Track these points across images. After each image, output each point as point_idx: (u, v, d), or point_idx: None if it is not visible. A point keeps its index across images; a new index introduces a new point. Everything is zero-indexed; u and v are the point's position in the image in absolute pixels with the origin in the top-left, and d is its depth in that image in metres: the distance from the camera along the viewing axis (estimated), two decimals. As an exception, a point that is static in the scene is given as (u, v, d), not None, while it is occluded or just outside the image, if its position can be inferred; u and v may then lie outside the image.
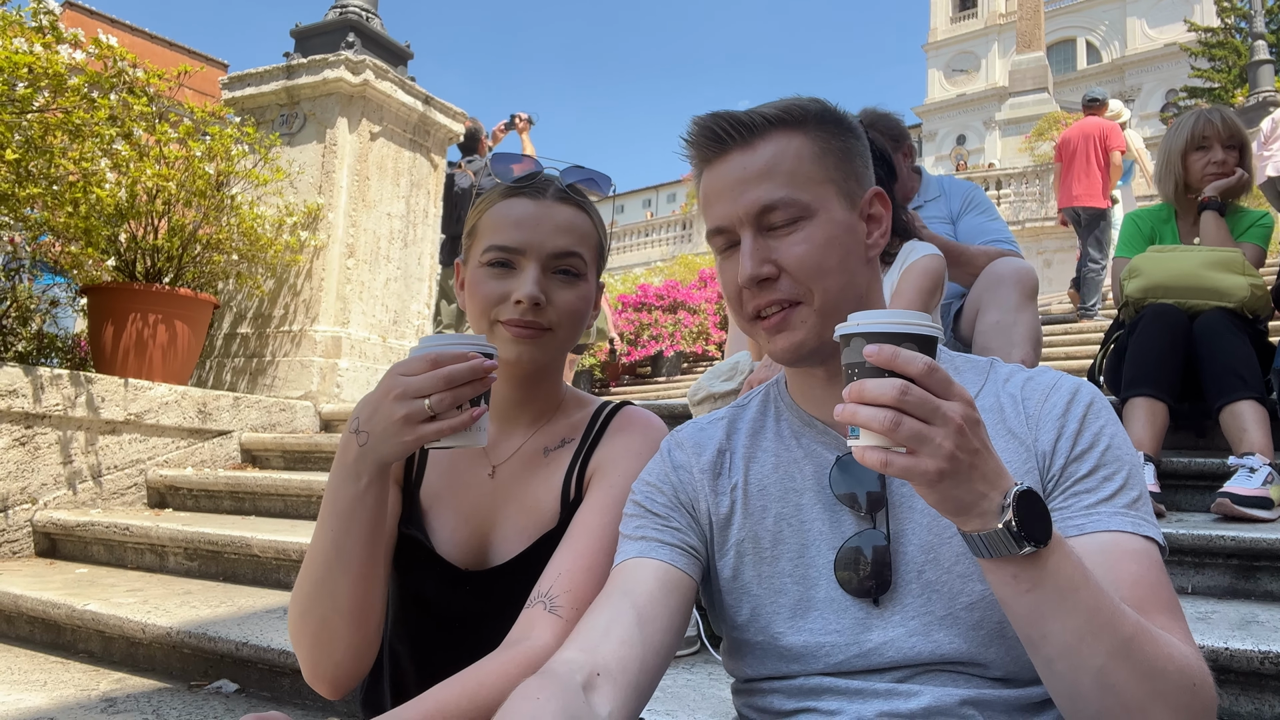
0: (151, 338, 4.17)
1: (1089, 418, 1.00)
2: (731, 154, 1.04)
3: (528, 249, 1.20)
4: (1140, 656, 0.83)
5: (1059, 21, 50.83)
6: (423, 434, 1.01)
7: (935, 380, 0.80)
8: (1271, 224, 3.23)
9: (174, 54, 20.08)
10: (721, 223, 1.04)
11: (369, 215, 5.20)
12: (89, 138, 3.93)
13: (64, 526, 3.54)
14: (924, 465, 0.79)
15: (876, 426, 0.79)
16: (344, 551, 1.08)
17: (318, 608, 1.10)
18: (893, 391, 0.79)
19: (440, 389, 1.00)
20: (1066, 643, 0.83)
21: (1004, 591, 0.85)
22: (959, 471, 0.80)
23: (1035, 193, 19.65)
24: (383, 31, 5.51)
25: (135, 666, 2.56)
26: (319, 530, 1.10)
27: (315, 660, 1.13)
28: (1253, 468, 2.42)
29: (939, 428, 0.79)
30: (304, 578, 1.12)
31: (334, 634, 1.11)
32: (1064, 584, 0.83)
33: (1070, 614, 0.82)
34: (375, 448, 1.04)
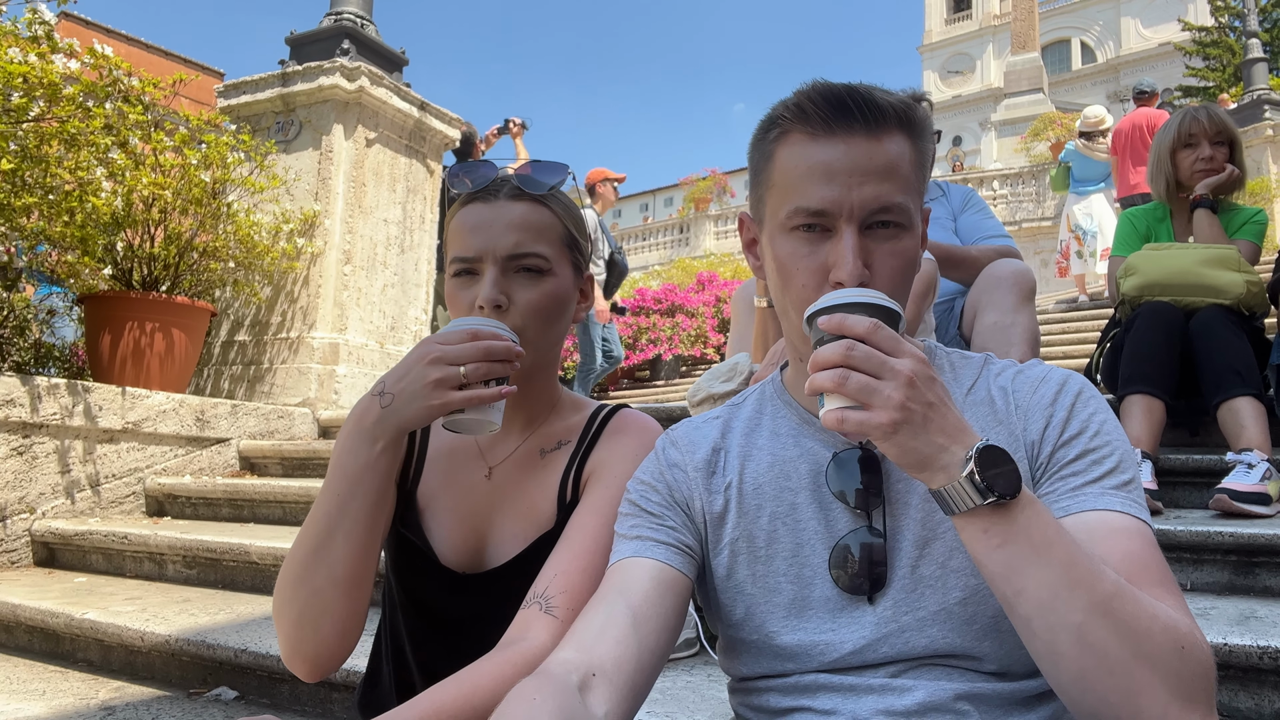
0: (149, 346, 4.16)
1: (1077, 406, 1.00)
2: (856, 136, 0.96)
3: (484, 254, 1.19)
4: (1121, 615, 0.81)
5: (1053, 22, 50.96)
6: (451, 400, 1.04)
7: (881, 338, 0.84)
8: (1266, 220, 3.23)
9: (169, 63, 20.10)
10: (824, 205, 0.96)
11: (366, 221, 5.20)
12: (85, 147, 3.93)
13: (62, 536, 3.54)
14: (876, 418, 0.82)
15: (829, 384, 0.83)
16: (348, 517, 1.08)
17: (312, 577, 1.09)
18: (840, 349, 0.83)
19: (478, 359, 1.04)
20: (1042, 599, 0.82)
21: (976, 548, 0.85)
22: (912, 422, 0.82)
23: (1031, 193, 19.69)
24: (378, 38, 5.52)
25: (134, 675, 2.56)
26: (322, 496, 1.10)
27: (300, 637, 1.11)
28: (1250, 464, 2.43)
29: (888, 381, 0.82)
30: (299, 546, 1.11)
31: (324, 606, 1.09)
32: (1037, 538, 0.83)
33: (1044, 568, 0.82)
34: (399, 410, 1.06)
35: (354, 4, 5.51)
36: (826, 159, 0.96)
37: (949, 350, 1.12)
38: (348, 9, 5.46)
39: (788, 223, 0.99)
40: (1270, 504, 2.37)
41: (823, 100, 0.97)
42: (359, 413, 1.10)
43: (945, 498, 0.84)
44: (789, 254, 1.00)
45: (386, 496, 1.11)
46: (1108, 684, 0.80)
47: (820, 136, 0.97)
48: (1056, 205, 19.22)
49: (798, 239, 0.99)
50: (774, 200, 1.02)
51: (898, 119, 0.98)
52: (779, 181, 1.01)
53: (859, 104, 0.97)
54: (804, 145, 0.98)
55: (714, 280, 10.41)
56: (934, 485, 0.85)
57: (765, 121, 1.04)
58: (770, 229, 1.03)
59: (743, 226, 1.13)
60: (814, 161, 0.97)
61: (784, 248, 1.00)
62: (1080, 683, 0.82)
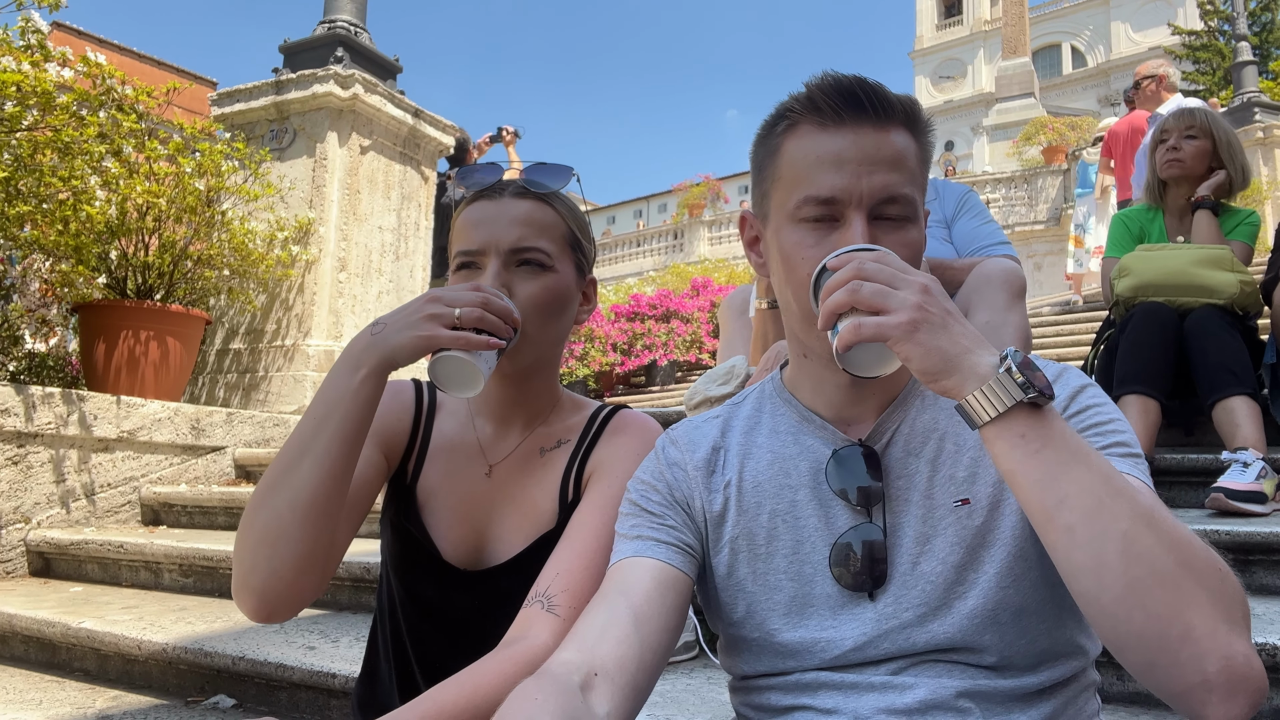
0: (143, 355, 4.15)
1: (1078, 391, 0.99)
2: (865, 127, 0.97)
3: (487, 247, 1.21)
4: (1165, 526, 0.78)
5: (1044, 27, 51.23)
6: (439, 335, 1.05)
7: (891, 259, 0.85)
8: (1258, 222, 3.25)
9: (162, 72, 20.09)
10: (835, 193, 0.96)
11: (360, 229, 5.20)
12: (78, 155, 3.93)
13: (58, 545, 3.52)
14: (894, 319, 0.81)
15: (842, 297, 0.83)
16: (319, 441, 1.06)
17: (274, 500, 1.06)
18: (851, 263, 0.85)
19: (474, 304, 1.07)
20: (1086, 505, 0.78)
21: (1014, 456, 0.81)
22: (932, 323, 0.81)
23: (1023, 196, 19.76)
24: (372, 46, 5.53)
25: (131, 684, 2.55)
26: (300, 423, 1.09)
27: (251, 565, 1.06)
28: (1246, 462, 2.44)
29: (901, 289, 0.82)
30: (268, 471, 1.08)
31: (281, 532, 1.05)
32: (1074, 445, 0.81)
33: (1086, 473, 0.79)
34: (387, 338, 1.07)
35: (348, 12, 5.52)
36: (836, 148, 0.97)
37: None
38: (341, 17, 5.47)
39: (796, 213, 0.99)
40: (1266, 502, 2.38)
41: (834, 91, 0.98)
42: (351, 342, 1.11)
43: (978, 403, 0.81)
44: (796, 243, 0.99)
45: (361, 429, 1.08)
46: (1158, 597, 0.76)
47: (830, 127, 0.98)
48: (1049, 209, 19.31)
49: (805, 229, 0.99)
50: (781, 192, 1.02)
51: (904, 114, 1.00)
52: (786, 173, 1.01)
53: (869, 95, 0.98)
54: (813, 136, 0.99)
55: (709, 286, 10.42)
56: (964, 392, 0.82)
57: (771, 117, 1.05)
58: (777, 221, 1.03)
59: (744, 225, 1.14)
60: (824, 151, 0.98)
61: (791, 238, 1.00)
62: (1129, 597, 0.76)
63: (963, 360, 0.81)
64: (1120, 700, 1.81)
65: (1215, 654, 0.75)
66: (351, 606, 2.84)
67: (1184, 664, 0.75)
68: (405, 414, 1.32)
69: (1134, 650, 0.78)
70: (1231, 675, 0.74)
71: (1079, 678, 1.00)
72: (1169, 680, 0.77)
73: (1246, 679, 0.75)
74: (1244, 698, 0.75)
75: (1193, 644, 0.75)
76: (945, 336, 0.81)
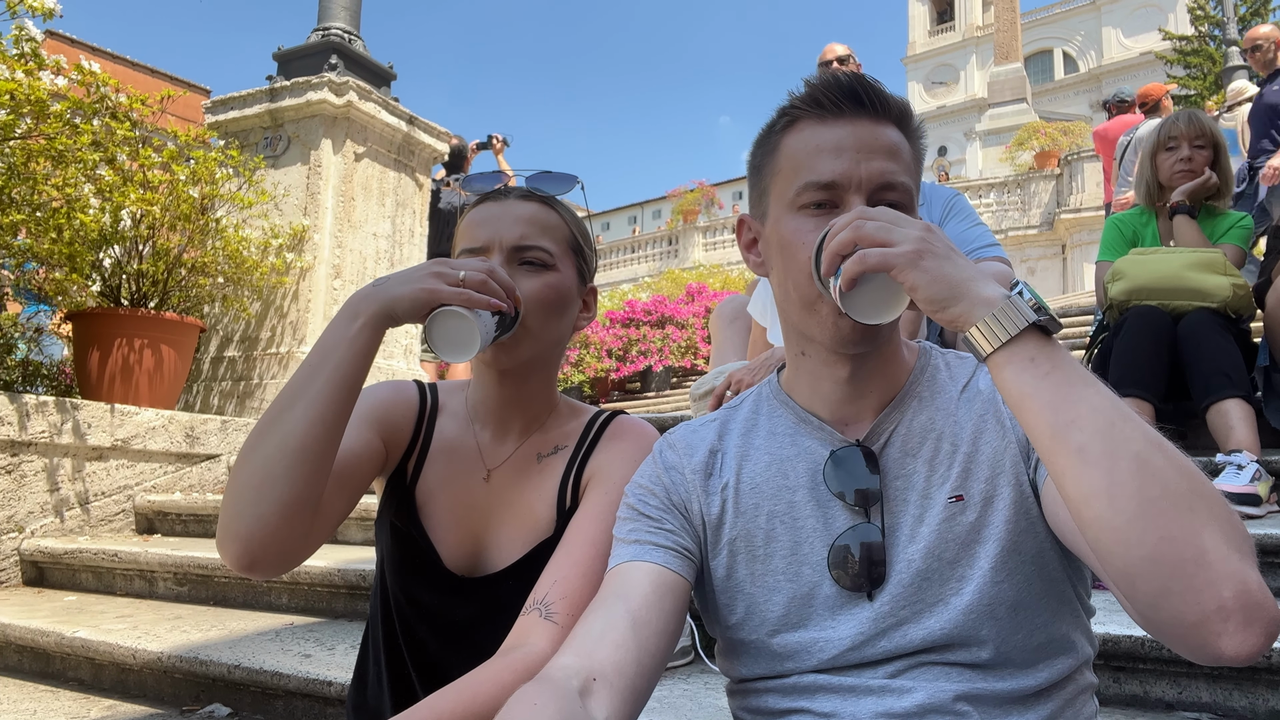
0: (138, 363, 4.14)
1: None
2: (863, 119, 1.01)
3: (490, 244, 1.22)
4: (1173, 452, 0.77)
5: (1036, 33, 51.47)
6: (440, 291, 1.06)
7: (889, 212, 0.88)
8: (1251, 225, 3.26)
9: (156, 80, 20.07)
10: (834, 178, 0.99)
11: (355, 236, 5.20)
12: (72, 163, 3.92)
13: (52, 554, 3.51)
14: (899, 249, 0.83)
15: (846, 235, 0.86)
16: (312, 386, 1.06)
17: (264, 443, 1.05)
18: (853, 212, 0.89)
19: (479, 270, 1.09)
20: (1098, 424, 0.77)
21: (1024, 380, 0.81)
22: (936, 252, 0.83)
23: (1016, 201, 19.82)
24: (365, 53, 5.53)
25: (126, 693, 2.54)
26: (295, 371, 1.09)
27: (238, 510, 1.04)
28: (1240, 465, 2.45)
29: (903, 227, 0.85)
30: (261, 418, 1.08)
31: (269, 477, 1.03)
32: (1081, 370, 0.81)
33: (1097, 395, 0.79)
34: (390, 288, 1.08)
35: (342, 19, 5.53)
36: (836, 138, 1.00)
37: (944, 350, 1.13)
38: (335, 25, 5.47)
39: (796, 200, 1.01)
40: (1260, 504, 2.38)
41: (833, 87, 1.01)
42: (354, 295, 1.12)
43: (987, 328, 0.82)
44: (796, 229, 1.01)
45: (355, 379, 1.08)
46: (1172, 517, 0.73)
47: (830, 119, 1.01)
48: (1042, 214, 19.37)
49: (805, 216, 1.01)
50: (781, 184, 1.04)
51: (899, 113, 1.03)
52: (786, 166, 1.03)
53: (866, 91, 1.01)
54: (814, 129, 1.02)
55: (703, 291, 10.43)
56: (973, 318, 0.82)
57: (771, 119, 1.07)
58: (776, 213, 1.05)
59: (742, 228, 1.15)
60: (823, 140, 1.01)
61: (791, 225, 1.02)
62: (1143, 517, 0.74)
63: (969, 287, 0.83)
64: (1117, 703, 1.81)
65: (1231, 579, 0.72)
66: (347, 614, 2.83)
67: (1200, 589, 0.72)
68: (409, 411, 1.32)
69: (1146, 577, 0.74)
70: (1248, 602, 0.72)
71: (1076, 679, 1.00)
72: (1183, 608, 0.73)
73: (1262, 607, 0.72)
74: (1260, 627, 0.72)
75: (1208, 568, 0.72)
76: (950, 265, 0.83)
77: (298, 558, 1.10)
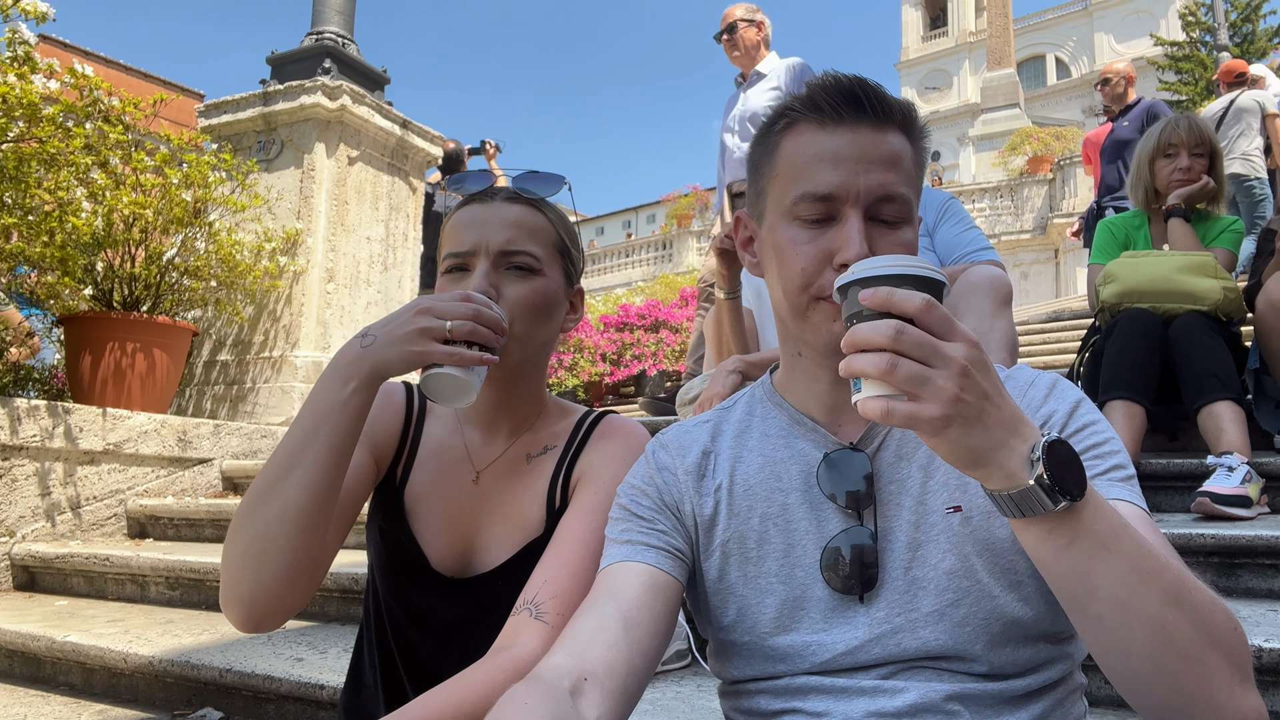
0: (130, 367, 4.13)
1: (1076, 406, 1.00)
2: (863, 126, 0.98)
3: (477, 249, 1.21)
4: (1192, 602, 0.78)
5: (1028, 38, 51.68)
6: (432, 351, 1.03)
7: (935, 318, 0.75)
8: (1243, 229, 3.28)
9: (149, 84, 20.04)
10: (832, 190, 0.97)
11: (348, 239, 5.19)
12: (64, 167, 3.91)
13: (43, 559, 3.49)
14: (927, 411, 0.74)
15: (873, 371, 0.75)
16: (309, 453, 1.05)
17: (262, 512, 1.04)
18: (888, 332, 0.74)
19: (466, 317, 1.05)
20: (1116, 596, 0.77)
21: (1040, 551, 0.79)
22: (966, 417, 0.75)
23: (1009, 205, 19.88)
24: (359, 57, 5.53)
25: (117, 698, 2.52)
26: (288, 434, 1.07)
27: (238, 577, 1.05)
28: (1231, 466, 2.45)
29: (940, 369, 0.74)
30: (255, 484, 1.07)
31: (270, 544, 1.04)
32: (1104, 532, 0.78)
33: (1116, 563, 0.78)
34: (378, 351, 1.05)
35: (335, 24, 5.53)
36: (835, 146, 0.98)
37: None
38: (329, 29, 5.47)
39: (793, 209, 1.00)
40: (1250, 506, 2.39)
41: (834, 90, 0.99)
42: (338, 354, 1.09)
43: (1008, 503, 0.78)
44: (790, 239, 1.00)
45: (350, 441, 1.07)
46: (1183, 671, 0.78)
47: (829, 125, 0.99)
48: (1034, 218, 19.43)
49: (801, 226, 0.99)
50: (777, 189, 1.03)
51: (902, 117, 1.01)
52: (783, 171, 1.02)
53: (868, 96, 0.98)
54: (813, 134, 1.00)
55: (697, 296, 10.43)
56: (992, 486, 0.78)
57: (771, 117, 1.06)
58: (772, 218, 1.04)
59: (739, 225, 1.14)
60: (822, 148, 0.98)
61: (786, 234, 1.01)
62: (1157, 675, 0.79)
63: (992, 456, 0.76)
64: (1108, 704, 1.81)
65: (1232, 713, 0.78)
66: (340, 618, 2.82)
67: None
68: (396, 417, 1.32)
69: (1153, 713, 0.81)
70: None
71: (1066, 681, 1.00)
72: None
73: None
74: None
75: (1214, 710, 0.78)
76: (977, 432, 0.75)
77: (300, 606, 1.10)
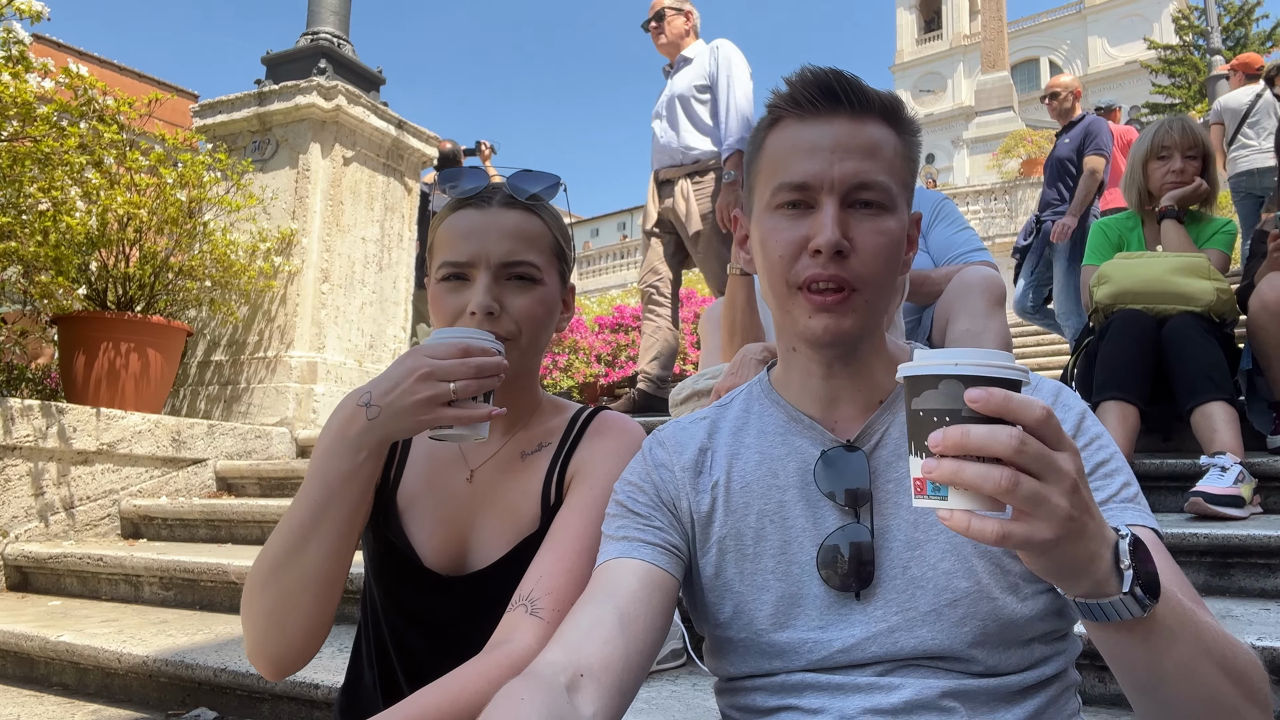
0: (124, 367, 4.12)
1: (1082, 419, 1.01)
2: (840, 117, 1.00)
3: (477, 260, 1.20)
4: (1235, 665, 0.82)
5: (1022, 42, 51.82)
6: (441, 417, 1.03)
7: (1050, 430, 0.71)
8: (1235, 230, 3.29)
9: (143, 85, 19.97)
10: (807, 179, 0.98)
11: (343, 240, 5.19)
12: (59, 166, 3.90)
13: (36, 559, 3.48)
14: (1041, 533, 0.69)
15: (989, 488, 0.68)
16: (325, 523, 1.07)
17: (282, 578, 1.08)
18: (1011, 443, 0.68)
19: (468, 376, 1.03)
20: (1180, 678, 0.80)
21: (1118, 644, 0.80)
22: (1074, 534, 0.71)
23: (1003, 208, 19.93)
24: (355, 57, 5.53)
25: (111, 698, 2.52)
26: (299, 500, 1.08)
27: (264, 637, 1.10)
28: (1224, 467, 2.46)
29: (1054, 485, 0.69)
30: (272, 546, 1.09)
31: (292, 607, 1.08)
32: (1173, 622, 0.79)
33: (1184, 648, 0.79)
34: (386, 424, 1.05)
35: (331, 24, 5.52)
36: (812, 138, 1.00)
37: None
38: (324, 29, 5.46)
39: (773, 200, 1.02)
40: (1243, 506, 2.40)
41: (811, 84, 1.01)
42: (343, 421, 1.08)
43: (1097, 610, 0.77)
44: (770, 229, 1.02)
45: (364, 503, 1.10)
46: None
47: (809, 118, 1.01)
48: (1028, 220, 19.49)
49: (780, 215, 1.01)
50: (761, 184, 1.05)
51: (882, 107, 1.02)
52: (766, 166, 1.04)
53: (844, 87, 1.00)
54: (793, 128, 1.02)
55: (692, 297, 10.41)
56: (1078, 593, 0.77)
57: (761, 117, 1.08)
58: (758, 211, 1.06)
59: (736, 224, 1.16)
60: (800, 140, 1.00)
61: (767, 224, 1.03)
62: None
63: (1087, 568, 0.74)
64: (1102, 702, 1.82)
65: None
66: (336, 618, 2.81)
67: None
68: None
69: None
70: None
71: (1061, 677, 1.00)
72: None
73: None
74: None
75: None
76: (1079, 548, 0.73)
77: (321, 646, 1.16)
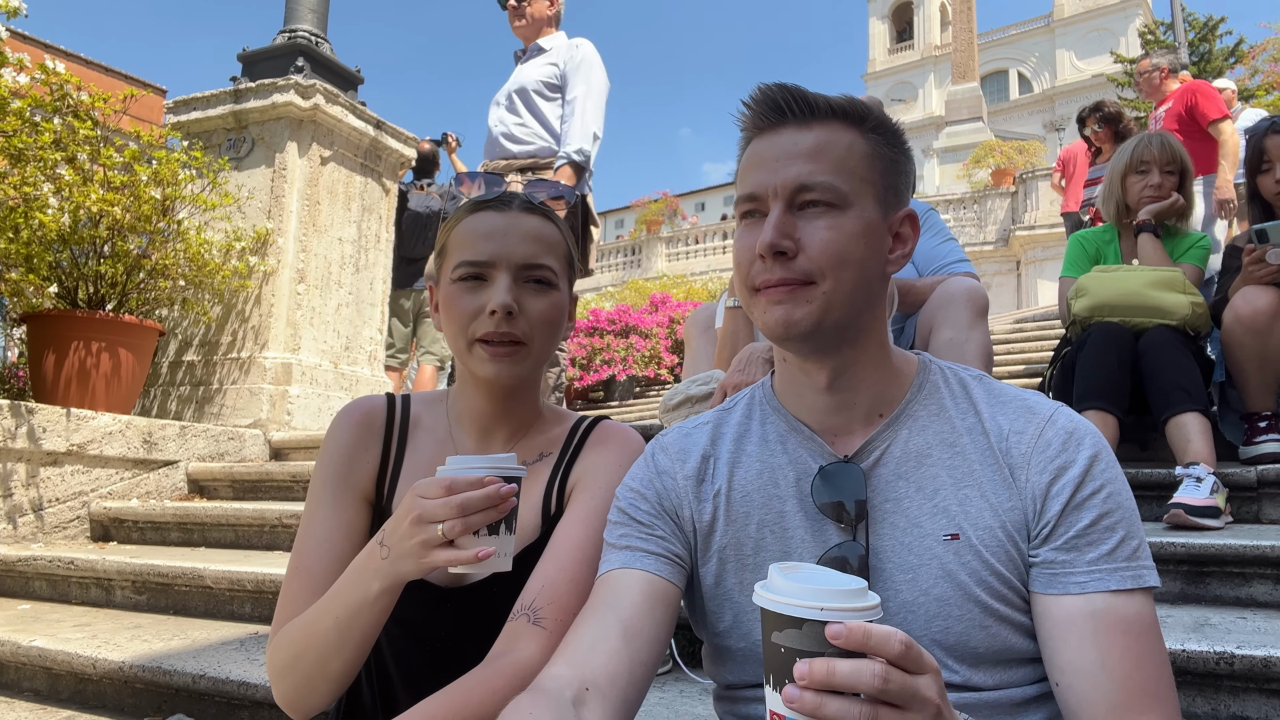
0: (94, 366, 4.05)
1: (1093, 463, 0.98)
2: (785, 128, 1.03)
3: (498, 260, 1.20)
4: None
5: (992, 53, 52.49)
6: (437, 559, 1.01)
7: (911, 659, 0.71)
8: (1209, 245, 3.35)
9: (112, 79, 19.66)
10: (755, 189, 1.02)
11: (320, 240, 5.14)
12: (31, 162, 3.83)
13: (4, 562, 3.41)
14: None
15: None
16: (344, 638, 1.09)
17: (305, 666, 1.11)
18: (874, 682, 0.68)
19: (453, 516, 0.99)
20: None
21: None
22: None
23: (973, 217, 20.16)
24: (333, 56, 5.48)
25: (85, 704, 2.47)
26: (324, 609, 1.10)
27: (292, 698, 1.14)
28: (1199, 478, 2.51)
29: (917, 713, 0.70)
30: (297, 639, 1.12)
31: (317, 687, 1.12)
32: None
33: None
34: (394, 563, 1.04)
35: (309, 22, 5.47)
36: (760, 150, 1.04)
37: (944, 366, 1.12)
38: (302, 27, 5.41)
39: (736, 213, 1.07)
40: (1219, 516, 2.45)
41: (760, 101, 1.05)
42: (366, 552, 1.09)
43: None
44: (736, 239, 1.07)
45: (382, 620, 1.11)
46: None
47: (766, 132, 1.05)
48: (998, 230, 19.71)
49: (743, 228, 1.05)
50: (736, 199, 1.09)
51: (831, 110, 1.03)
52: (741, 171, 1.08)
53: (787, 100, 1.03)
54: (754, 143, 1.06)
55: (667, 301, 10.44)
56: None
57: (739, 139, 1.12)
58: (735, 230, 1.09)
59: None
60: (752, 155, 1.05)
61: (735, 238, 1.07)
62: None
63: None
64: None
65: None
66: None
67: None
68: (374, 445, 1.30)
69: None
70: None
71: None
72: None
73: None
74: None
75: None
76: None
77: None
